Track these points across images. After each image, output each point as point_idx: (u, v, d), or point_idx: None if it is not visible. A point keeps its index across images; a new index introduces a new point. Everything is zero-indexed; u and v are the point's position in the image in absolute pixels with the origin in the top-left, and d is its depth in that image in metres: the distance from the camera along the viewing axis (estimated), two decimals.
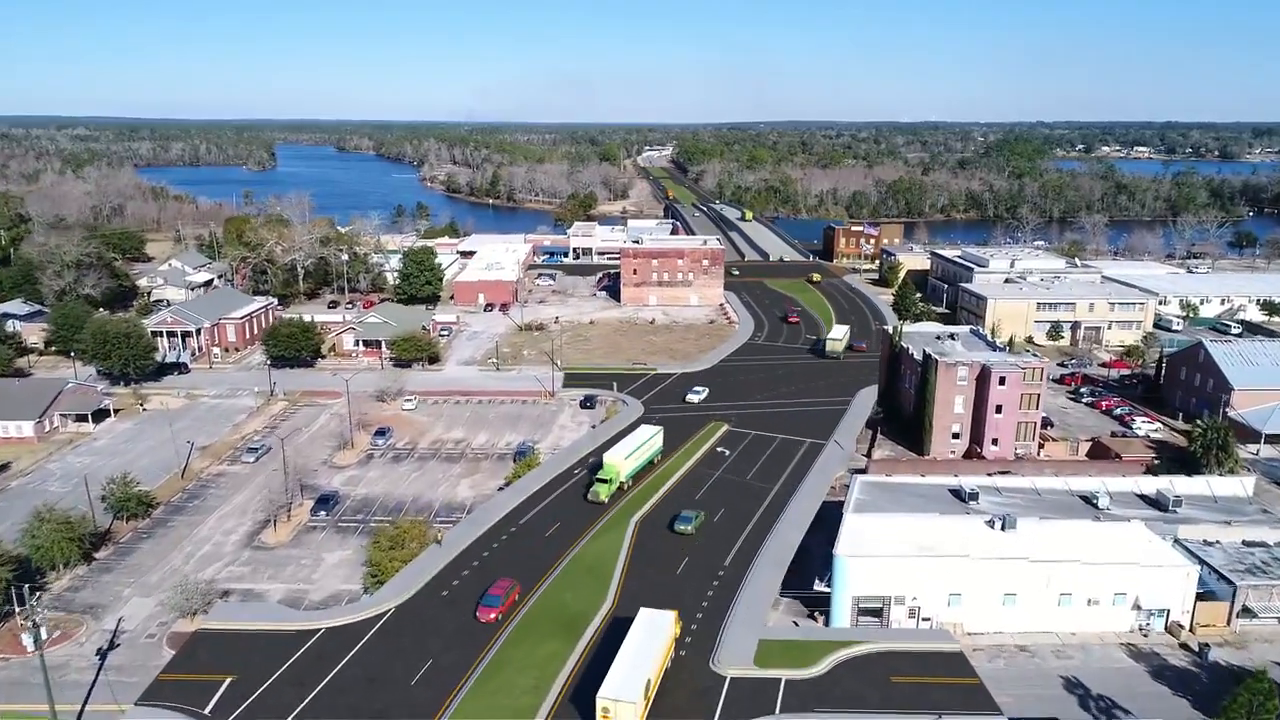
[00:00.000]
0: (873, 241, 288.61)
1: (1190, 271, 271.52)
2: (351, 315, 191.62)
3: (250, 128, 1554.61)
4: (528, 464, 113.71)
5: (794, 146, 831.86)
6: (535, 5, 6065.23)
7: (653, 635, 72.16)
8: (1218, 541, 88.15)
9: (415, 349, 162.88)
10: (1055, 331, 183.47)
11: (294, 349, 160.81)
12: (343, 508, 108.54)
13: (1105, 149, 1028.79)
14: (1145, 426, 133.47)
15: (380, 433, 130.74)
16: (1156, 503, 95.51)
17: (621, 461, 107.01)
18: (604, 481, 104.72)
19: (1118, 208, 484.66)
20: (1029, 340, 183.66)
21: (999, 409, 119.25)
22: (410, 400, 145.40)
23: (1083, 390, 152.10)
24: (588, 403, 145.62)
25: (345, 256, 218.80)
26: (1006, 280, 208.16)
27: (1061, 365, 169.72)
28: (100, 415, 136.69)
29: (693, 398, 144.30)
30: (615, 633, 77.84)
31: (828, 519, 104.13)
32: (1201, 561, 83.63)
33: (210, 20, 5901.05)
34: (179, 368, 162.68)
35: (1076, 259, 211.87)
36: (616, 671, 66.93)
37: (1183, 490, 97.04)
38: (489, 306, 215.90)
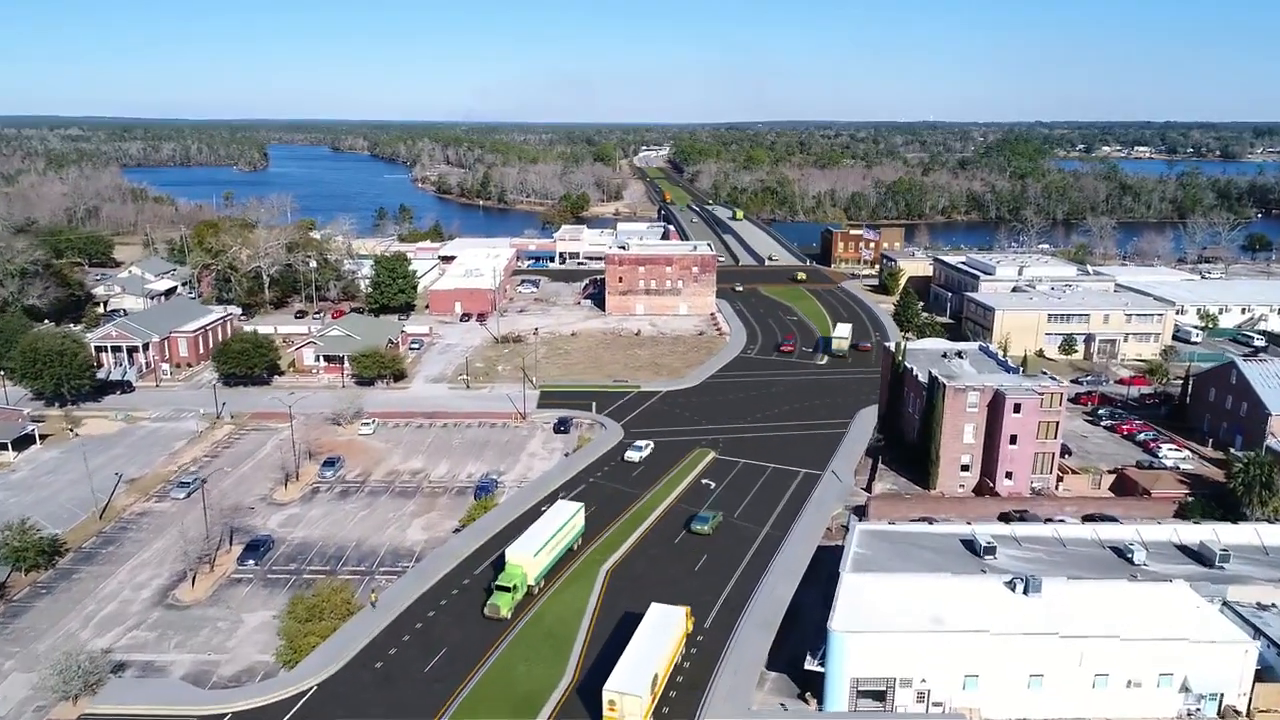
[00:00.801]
0: (872, 246, 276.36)
1: (1204, 277, 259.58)
2: (318, 327, 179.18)
3: (248, 127, 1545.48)
4: (484, 505, 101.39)
5: (792, 146, 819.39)
6: (536, 5, 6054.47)
7: (662, 630, 72.19)
8: (1273, 605, 76.01)
9: (378, 366, 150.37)
10: (1068, 345, 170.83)
11: (247, 366, 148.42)
12: (275, 555, 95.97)
13: (1106, 149, 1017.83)
14: (1173, 455, 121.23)
15: (329, 463, 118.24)
16: (1200, 556, 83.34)
17: (530, 560, 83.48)
18: (505, 590, 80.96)
19: (1123, 209, 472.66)
20: (1040, 354, 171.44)
21: (1014, 439, 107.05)
22: (368, 424, 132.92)
23: (1101, 411, 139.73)
24: (562, 426, 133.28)
25: (313, 264, 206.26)
26: (1014, 289, 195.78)
27: (1076, 383, 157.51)
28: (24, 442, 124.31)
29: (633, 455, 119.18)
30: (625, 627, 76.71)
31: (823, 564, 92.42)
32: (1258, 632, 71.48)
33: (210, 20, 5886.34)
34: (122, 386, 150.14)
35: (1088, 266, 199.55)
36: (624, 664, 67.07)
37: (1229, 540, 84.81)
38: (465, 316, 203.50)
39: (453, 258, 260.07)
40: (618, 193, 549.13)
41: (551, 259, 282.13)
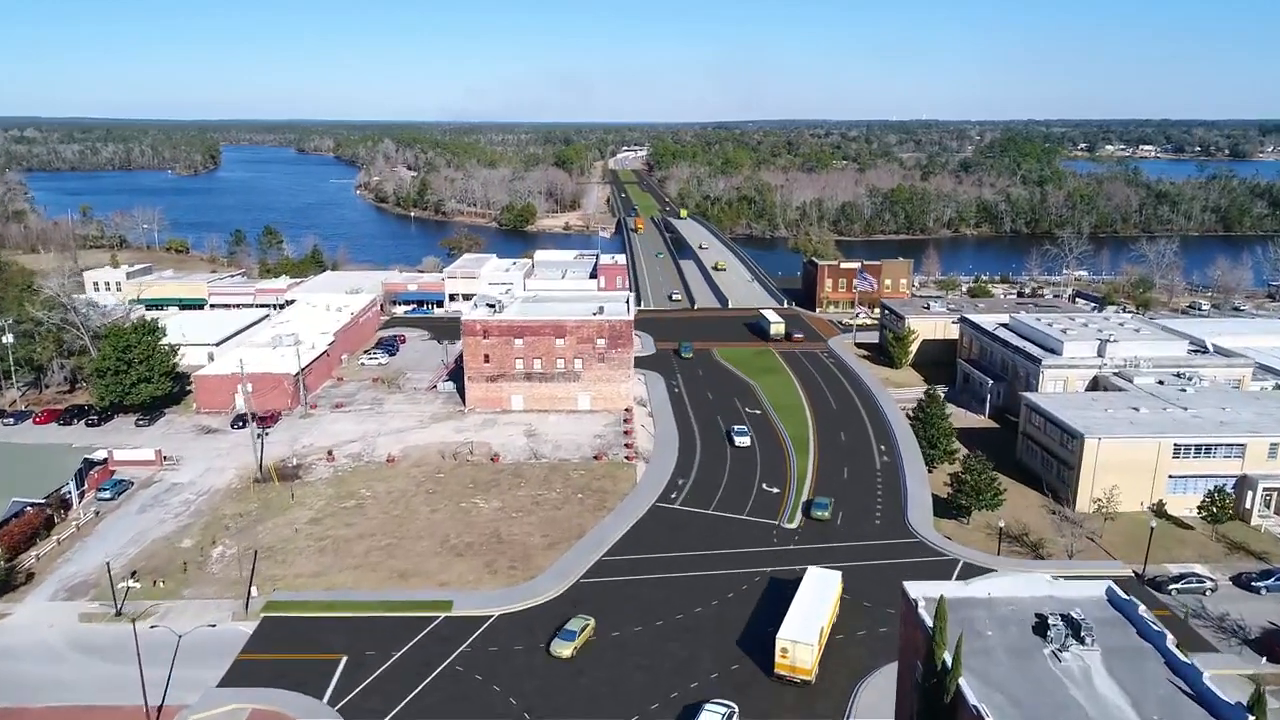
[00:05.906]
0: (867, 294, 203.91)
1: None
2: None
3: (223, 128, 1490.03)
4: None
5: (778, 147, 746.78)
6: (532, 3, 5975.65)
7: (823, 589, 77.32)
8: None
9: None
10: (1217, 504, 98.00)
11: None
12: None
13: (1109, 148, 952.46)
14: None
15: None
16: None
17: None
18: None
19: (1158, 220, 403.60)
20: (1160, 510, 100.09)
21: None
22: None
23: None
24: None
25: (7, 337, 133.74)
26: (1095, 382, 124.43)
27: (1246, 586, 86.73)
28: None
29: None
30: (776, 589, 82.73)
31: None
32: None
33: (210, 20, 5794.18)
34: None
35: (1209, 343, 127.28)
36: (793, 617, 72.42)
37: None
38: (240, 421, 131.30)
39: (293, 303, 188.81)
40: (574, 202, 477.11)
41: (439, 303, 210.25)
